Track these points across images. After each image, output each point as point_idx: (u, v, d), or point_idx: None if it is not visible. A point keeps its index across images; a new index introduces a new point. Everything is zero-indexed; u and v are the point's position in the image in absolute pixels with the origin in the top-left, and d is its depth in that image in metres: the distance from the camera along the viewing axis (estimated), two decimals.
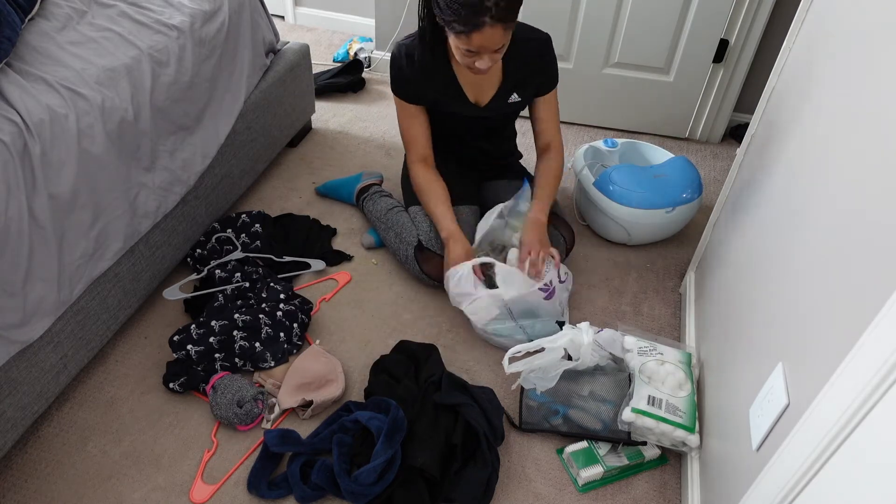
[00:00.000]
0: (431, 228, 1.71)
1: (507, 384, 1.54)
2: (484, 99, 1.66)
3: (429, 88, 1.62)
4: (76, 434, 1.40)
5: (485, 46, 1.39)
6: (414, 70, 1.59)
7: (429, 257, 1.70)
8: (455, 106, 1.66)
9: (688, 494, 1.30)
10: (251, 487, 1.31)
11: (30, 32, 1.40)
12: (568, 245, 1.77)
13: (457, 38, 1.40)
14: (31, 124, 1.22)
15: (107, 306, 1.48)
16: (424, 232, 1.72)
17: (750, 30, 2.21)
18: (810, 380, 0.85)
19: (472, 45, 1.38)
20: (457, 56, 1.46)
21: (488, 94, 1.65)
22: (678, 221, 1.91)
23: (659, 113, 2.46)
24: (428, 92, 1.63)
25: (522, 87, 1.66)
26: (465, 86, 1.64)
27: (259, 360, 1.51)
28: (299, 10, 3.19)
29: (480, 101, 1.66)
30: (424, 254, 1.71)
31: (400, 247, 1.77)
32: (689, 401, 1.36)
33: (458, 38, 1.39)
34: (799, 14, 1.32)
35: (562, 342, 1.43)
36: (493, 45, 1.39)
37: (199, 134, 1.68)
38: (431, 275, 1.71)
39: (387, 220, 1.84)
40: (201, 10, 1.68)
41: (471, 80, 1.63)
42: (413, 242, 1.73)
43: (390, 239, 1.81)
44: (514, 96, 1.66)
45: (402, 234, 1.77)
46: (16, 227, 1.18)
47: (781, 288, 1.07)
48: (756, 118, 1.48)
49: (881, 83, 0.87)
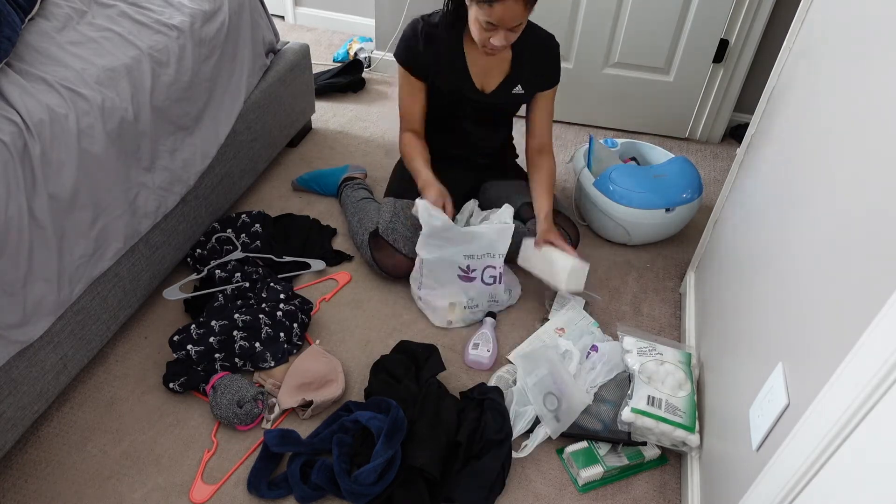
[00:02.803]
0: (393, 220, 1.73)
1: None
2: (489, 86, 1.68)
3: (438, 65, 1.64)
4: (76, 434, 1.40)
5: (504, 20, 1.43)
6: (428, 44, 1.62)
7: (382, 246, 1.73)
8: (460, 90, 1.68)
9: (688, 494, 1.30)
10: (251, 487, 1.31)
11: (30, 32, 1.40)
12: (573, 242, 1.77)
13: (479, 8, 1.43)
14: (31, 124, 1.22)
15: (107, 306, 1.48)
16: (384, 222, 1.74)
17: (750, 30, 2.21)
18: (810, 380, 0.85)
19: (492, 16, 1.42)
20: (473, 32, 1.50)
21: (494, 81, 1.68)
22: (678, 221, 1.91)
23: (659, 113, 2.46)
24: (435, 71, 1.65)
25: (527, 81, 1.69)
26: (473, 70, 1.66)
27: (259, 360, 1.51)
28: (299, 10, 3.19)
29: (486, 87, 1.69)
30: (378, 241, 1.74)
31: (359, 231, 1.83)
32: (688, 401, 1.36)
33: (480, 8, 1.43)
34: (799, 14, 1.32)
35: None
36: (512, 20, 1.43)
37: (199, 134, 1.68)
38: (382, 263, 1.74)
39: (357, 207, 1.91)
40: (201, 10, 1.68)
41: (480, 66, 1.65)
42: (370, 228, 1.78)
43: (353, 224, 1.88)
44: (518, 88, 1.69)
45: (364, 220, 1.83)
46: (16, 227, 1.18)
47: (781, 288, 1.07)
48: (756, 118, 1.48)
49: (881, 83, 0.87)
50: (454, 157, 1.86)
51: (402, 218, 1.73)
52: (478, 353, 1.56)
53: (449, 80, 1.66)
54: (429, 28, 1.62)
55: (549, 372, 1.42)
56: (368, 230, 1.79)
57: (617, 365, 1.45)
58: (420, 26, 1.62)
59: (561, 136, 2.49)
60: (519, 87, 1.69)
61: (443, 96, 1.71)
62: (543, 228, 1.66)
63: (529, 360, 1.47)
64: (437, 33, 1.61)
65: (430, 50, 1.62)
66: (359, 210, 1.89)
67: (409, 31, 1.64)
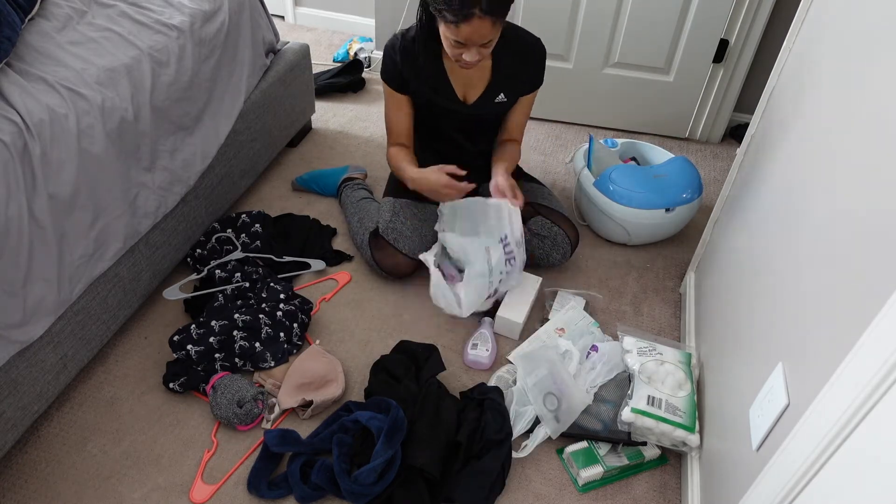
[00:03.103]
0: (393, 220, 1.73)
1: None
2: (472, 97, 1.68)
3: (419, 80, 1.64)
4: (76, 434, 1.40)
5: (472, 39, 1.42)
6: (406, 60, 1.61)
7: (382, 246, 1.73)
8: (442, 101, 1.67)
9: (688, 494, 1.30)
10: (251, 487, 1.31)
11: (30, 32, 1.40)
12: (572, 243, 1.77)
13: (447, 27, 1.42)
14: (31, 124, 1.22)
15: (107, 306, 1.48)
16: (384, 221, 1.74)
17: (750, 30, 2.21)
18: (810, 380, 0.85)
19: (460, 35, 1.41)
20: (446, 47, 1.49)
21: (476, 91, 1.67)
22: (678, 221, 1.91)
23: (659, 113, 2.46)
24: (416, 83, 1.65)
25: (509, 88, 1.68)
26: (454, 82, 1.65)
27: (259, 360, 1.51)
28: (299, 10, 3.19)
29: (468, 98, 1.68)
30: (378, 241, 1.74)
31: (359, 231, 1.84)
32: (688, 401, 1.36)
33: (447, 27, 1.42)
34: (799, 14, 1.32)
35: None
36: (481, 38, 1.42)
37: (199, 134, 1.68)
38: (382, 263, 1.74)
39: (357, 207, 1.91)
40: (201, 10, 1.68)
41: (461, 76, 1.65)
42: (371, 228, 1.78)
43: (353, 224, 1.89)
44: (500, 96, 1.68)
45: (365, 220, 1.83)
46: (16, 227, 1.18)
47: (781, 288, 1.07)
48: (756, 118, 1.48)
49: (881, 83, 0.87)
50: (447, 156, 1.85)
51: (401, 217, 1.73)
52: (477, 353, 1.57)
53: (431, 93, 1.66)
54: (405, 43, 1.61)
55: (549, 372, 1.42)
56: (369, 230, 1.79)
57: (617, 365, 1.45)
58: (399, 43, 1.61)
59: (561, 135, 2.49)
60: (502, 96, 1.68)
61: (427, 109, 1.71)
62: (500, 182, 1.64)
63: (529, 360, 1.47)
64: (415, 48, 1.60)
65: (409, 65, 1.61)
66: (359, 210, 1.89)
67: (388, 48, 1.64)
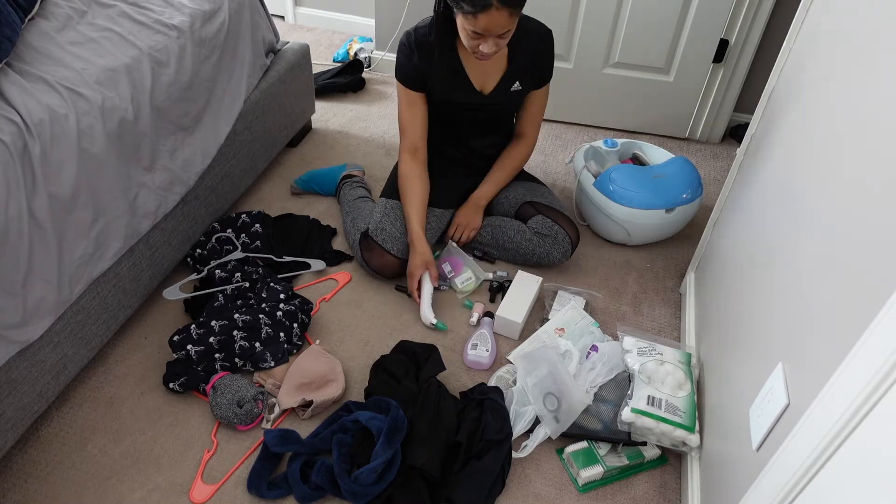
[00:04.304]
0: (382, 220, 1.74)
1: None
2: (488, 86, 1.69)
3: (434, 75, 1.65)
4: (76, 434, 1.40)
5: (490, 29, 1.43)
6: (422, 56, 1.62)
7: (372, 246, 1.73)
8: (459, 94, 1.68)
9: (688, 494, 1.30)
10: (251, 487, 1.31)
11: (30, 32, 1.40)
12: (573, 242, 1.77)
13: (464, 18, 1.43)
14: (31, 124, 1.22)
15: (107, 306, 1.48)
16: (375, 223, 1.75)
17: (750, 30, 2.21)
18: (810, 380, 0.85)
19: (478, 26, 1.42)
20: (462, 39, 1.50)
21: (493, 80, 1.68)
22: (678, 221, 1.91)
23: (659, 113, 2.46)
24: (433, 78, 1.65)
25: (524, 77, 1.69)
26: (470, 73, 1.66)
27: (259, 360, 1.51)
28: (299, 10, 3.19)
29: (485, 88, 1.69)
30: (369, 242, 1.74)
31: (351, 230, 1.85)
32: (688, 401, 1.36)
33: (465, 18, 1.43)
34: (799, 14, 1.32)
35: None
36: (499, 28, 1.43)
37: (199, 134, 1.68)
38: (371, 264, 1.74)
39: (353, 206, 1.92)
40: (201, 10, 1.68)
41: (477, 67, 1.66)
42: (362, 229, 1.79)
43: (347, 224, 1.90)
44: (516, 84, 1.69)
45: (357, 220, 1.84)
46: (16, 227, 1.18)
47: (782, 288, 1.07)
48: (756, 118, 1.48)
49: (881, 83, 0.87)
50: (454, 159, 1.87)
51: (391, 218, 1.74)
52: (477, 353, 1.56)
53: (447, 85, 1.67)
54: (419, 37, 1.62)
55: (549, 372, 1.42)
56: (360, 230, 1.80)
57: (617, 365, 1.45)
58: (412, 38, 1.62)
59: (561, 135, 2.49)
60: (517, 84, 1.69)
61: (443, 103, 1.71)
62: (460, 220, 1.78)
63: (529, 360, 1.47)
64: (430, 41, 1.61)
65: (425, 59, 1.62)
66: (353, 210, 1.90)
67: (402, 45, 1.64)
